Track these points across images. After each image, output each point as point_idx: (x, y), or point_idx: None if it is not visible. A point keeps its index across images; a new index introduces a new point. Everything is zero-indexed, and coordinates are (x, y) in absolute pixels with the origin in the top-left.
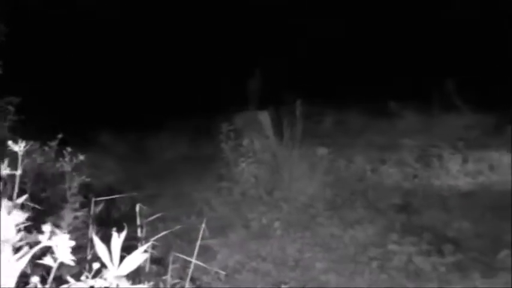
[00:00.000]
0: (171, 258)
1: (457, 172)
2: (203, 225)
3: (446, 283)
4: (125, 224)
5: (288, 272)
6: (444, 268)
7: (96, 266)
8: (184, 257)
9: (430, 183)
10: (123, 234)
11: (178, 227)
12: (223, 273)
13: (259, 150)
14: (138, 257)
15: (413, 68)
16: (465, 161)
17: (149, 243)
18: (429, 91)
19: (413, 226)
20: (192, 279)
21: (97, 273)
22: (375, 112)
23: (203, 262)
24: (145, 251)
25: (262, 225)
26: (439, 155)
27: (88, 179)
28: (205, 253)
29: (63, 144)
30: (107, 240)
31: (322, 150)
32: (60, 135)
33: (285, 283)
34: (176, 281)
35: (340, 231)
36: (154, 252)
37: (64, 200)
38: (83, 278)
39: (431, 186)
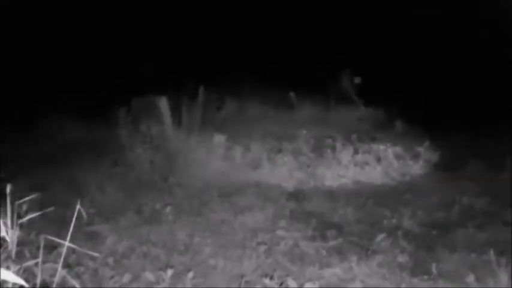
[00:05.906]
0: (42, 242)
1: (348, 162)
2: (78, 207)
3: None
4: None
5: (177, 256)
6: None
7: None
8: (56, 239)
9: (322, 172)
10: None
11: (51, 208)
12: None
13: (156, 136)
14: None
15: (313, 62)
16: (356, 152)
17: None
18: (326, 84)
19: (301, 213)
20: (72, 265)
21: None
22: (274, 102)
23: (91, 247)
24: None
25: (155, 210)
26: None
27: None
28: (94, 238)
29: None
30: None
31: (219, 138)
32: None
33: (171, 267)
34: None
35: (231, 217)
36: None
37: None
38: None
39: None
